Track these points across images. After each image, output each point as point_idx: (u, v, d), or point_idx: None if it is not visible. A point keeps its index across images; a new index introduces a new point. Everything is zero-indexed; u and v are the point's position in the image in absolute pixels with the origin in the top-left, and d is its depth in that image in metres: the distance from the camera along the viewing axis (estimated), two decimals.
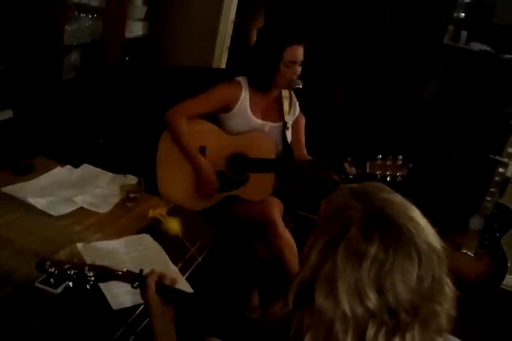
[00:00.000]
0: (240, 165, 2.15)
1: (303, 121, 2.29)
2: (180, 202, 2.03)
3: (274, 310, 0.84)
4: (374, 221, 0.79)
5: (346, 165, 1.94)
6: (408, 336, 0.77)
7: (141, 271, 1.19)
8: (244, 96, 2.16)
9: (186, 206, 2.03)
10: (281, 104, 2.22)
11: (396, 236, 0.78)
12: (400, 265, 0.76)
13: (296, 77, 2.09)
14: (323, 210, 0.87)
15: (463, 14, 4.30)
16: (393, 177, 1.91)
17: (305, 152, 2.27)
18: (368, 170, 1.93)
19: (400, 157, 1.91)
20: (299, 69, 2.10)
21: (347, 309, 0.75)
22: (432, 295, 0.78)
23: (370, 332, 0.75)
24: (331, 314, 0.76)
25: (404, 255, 0.77)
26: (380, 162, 1.92)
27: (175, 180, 2.17)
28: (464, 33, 4.23)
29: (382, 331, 0.76)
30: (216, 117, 2.20)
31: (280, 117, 2.22)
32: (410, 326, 0.77)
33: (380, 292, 0.75)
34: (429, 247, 0.79)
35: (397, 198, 0.86)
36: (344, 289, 0.75)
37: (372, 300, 0.75)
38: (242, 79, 2.18)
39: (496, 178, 2.50)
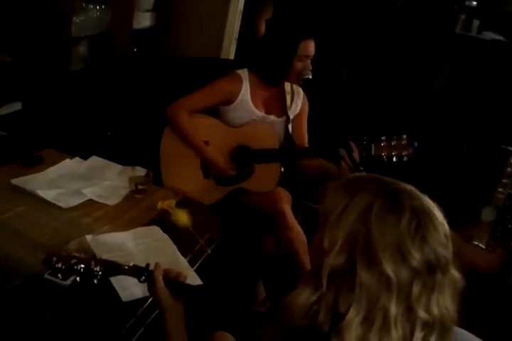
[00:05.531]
0: (243, 158, 2.14)
1: (306, 111, 2.27)
2: None
3: (299, 299, 0.83)
4: (393, 193, 0.83)
5: (356, 155, 1.92)
6: (442, 293, 0.82)
7: (148, 265, 1.18)
8: (245, 88, 2.14)
9: None
10: (284, 98, 2.20)
11: (418, 199, 0.84)
12: (430, 221, 0.82)
13: (308, 71, 2.08)
14: (330, 199, 0.88)
15: (475, 3, 4.22)
16: (399, 156, 1.90)
17: (306, 145, 2.25)
18: (373, 152, 1.93)
19: (405, 136, 1.91)
20: (310, 63, 2.08)
21: (391, 274, 0.78)
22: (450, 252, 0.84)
23: (415, 290, 0.79)
24: (375, 285, 0.79)
25: (430, 213, 0.82)
26: (384, 143, 1.92)
27: (181, 177, 2.14)
28: (476, 22, 4.16)
29: (425, 288, 0.80)
30: (217, 110, 2.19)
31: (283, 111, 2.20)
32: (443, 285, 0.82)
33: (421, 248, 0.80)
34: (436, 205, 0.86)
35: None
36: (387, 255, 0.79)
37: (416, 257, 0.79)
38: (241, 72, 2.16)
39: (509, 169, 2.47)
